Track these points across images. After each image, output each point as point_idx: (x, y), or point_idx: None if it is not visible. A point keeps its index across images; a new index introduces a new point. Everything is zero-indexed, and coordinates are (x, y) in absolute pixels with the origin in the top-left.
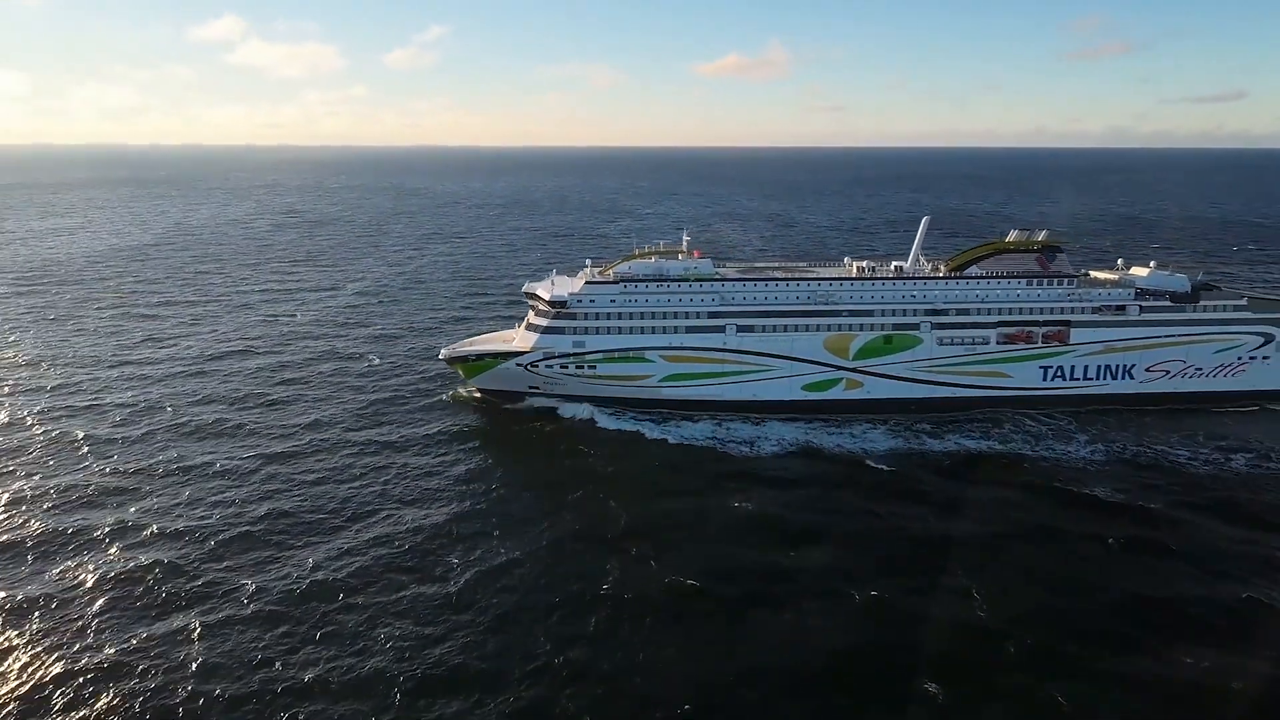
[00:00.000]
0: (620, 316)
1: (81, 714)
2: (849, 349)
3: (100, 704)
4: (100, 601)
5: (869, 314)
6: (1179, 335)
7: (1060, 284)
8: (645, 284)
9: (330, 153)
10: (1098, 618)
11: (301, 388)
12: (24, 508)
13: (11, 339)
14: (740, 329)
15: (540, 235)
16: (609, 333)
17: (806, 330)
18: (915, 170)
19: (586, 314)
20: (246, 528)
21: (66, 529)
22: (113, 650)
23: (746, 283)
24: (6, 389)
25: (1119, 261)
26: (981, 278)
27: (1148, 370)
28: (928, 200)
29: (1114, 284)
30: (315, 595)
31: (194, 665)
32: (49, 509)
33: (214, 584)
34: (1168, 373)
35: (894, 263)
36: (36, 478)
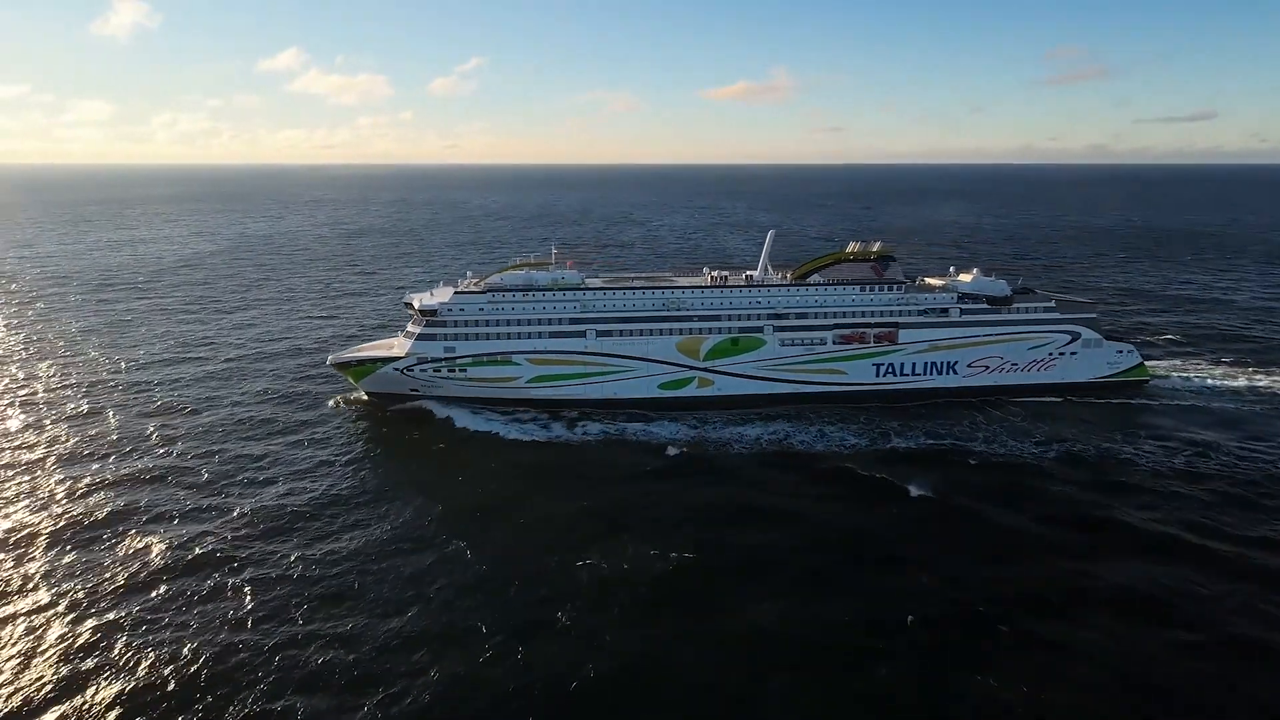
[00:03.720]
0: (487, 324)
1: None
2: (699, 350)
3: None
4: (160, 572)
5: (717, 318)
6: (995, 334)
7: (891, 290)
8: (512, 293)
9: (378, 170)
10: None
11: (339, 384)
12: (92, 489)
13: (88, 339)
14: (600, 333)
15: (562, 243)
16: (477, 339)
17: (660, 334)
18: (909, 185)
19: (455, 321)
20: (304, 506)
21: (130, 506)
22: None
23: (606, 291)
24: (84, 384)
25: (951, 269)
26: (821, 285)
27: (969, 366)
28: (923, 212)
29: (940, 289)
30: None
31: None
32: (112, 489)
33: (261, 558)
34: (987, 368)
35: (746, 272)
36: (101, 462)
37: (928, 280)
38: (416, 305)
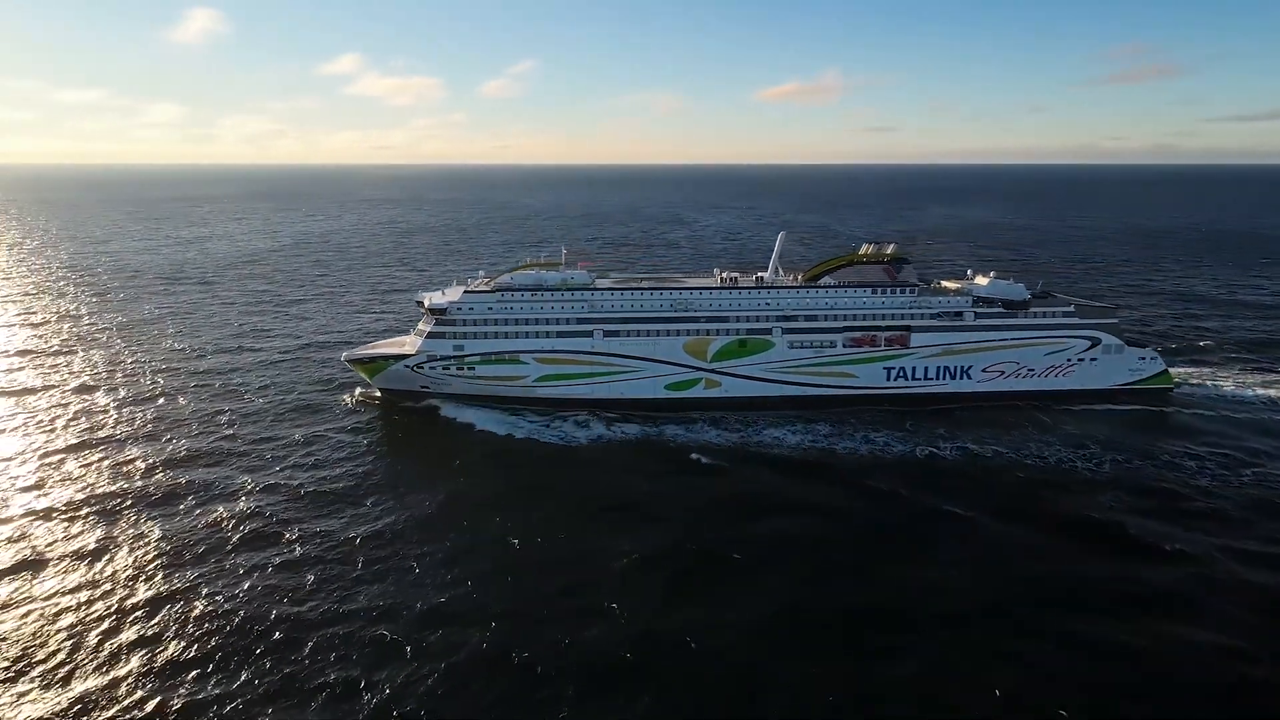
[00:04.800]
0: (496, 323)
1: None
2: (707, 352)
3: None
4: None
5: (725, 320)
6: (1011, 339)
7: (903, 292)
8: (521, 292)
9: (431, 170)
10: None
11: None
12: (153, 465)
13: (157, 328)
14: (607, 334)
15: (608, 244)
16: (485, 337)
17: (667, 335)
18: (957, 185)
19: (465, 320)
20: (342, 482)
21: (189, 482)
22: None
23: (614, 291)
24: (152, 370)
25: (968, 272)
26: (831, 287)
27: (984, 371)
28: (963, 213)
29: (955, 292)
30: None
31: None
32: (175, 466)
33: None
34: (1002, 373)
35: (757, 274)
36: (158, 442)
37: (943, 283)
38: (427, 304)
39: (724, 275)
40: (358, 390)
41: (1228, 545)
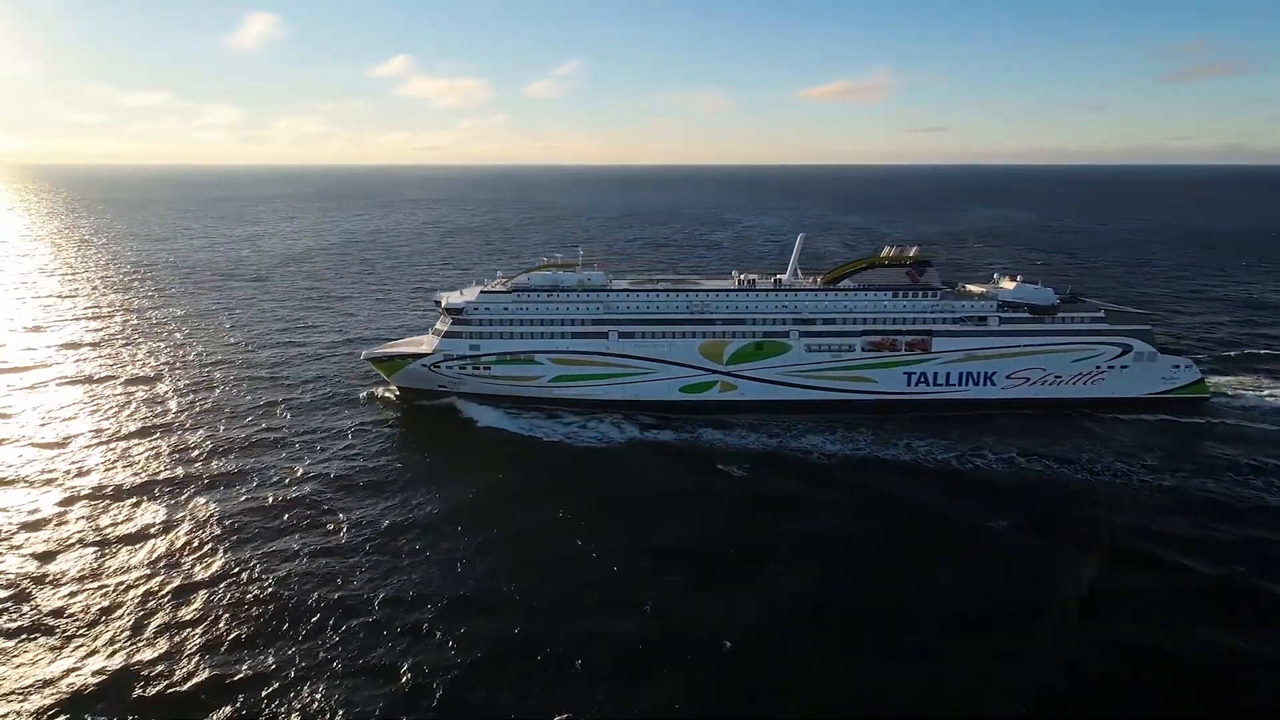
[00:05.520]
0: (511, 323)
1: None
2: (723, 354)
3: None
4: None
5: (741, 322)
6: (1037, 345)
7: (925, 296)
8: (536, 293)
9: (475, 171)
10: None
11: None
12: (204, 452)
13: (212, 322)
14: (622, 335)
15: (648, 244)
16: (501, 338)
17: (683, 337)
18: (1010, 187)
19: (480, 320)
20: (368, 468)
21: (234, 469)
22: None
23: (629, 293)
24: (208, 362)
25: (994, 275)
26: (851, 290)
27: (1008, 378)
28: (1011, 214)
29: (980, 296)
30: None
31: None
32: (213, 454)
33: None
34: (1027, 380)
35: (775, 276)
36: (206, 430)
37: (967, 287)
38: (444, 303)
39: (742, 277)
40: (380, 390)
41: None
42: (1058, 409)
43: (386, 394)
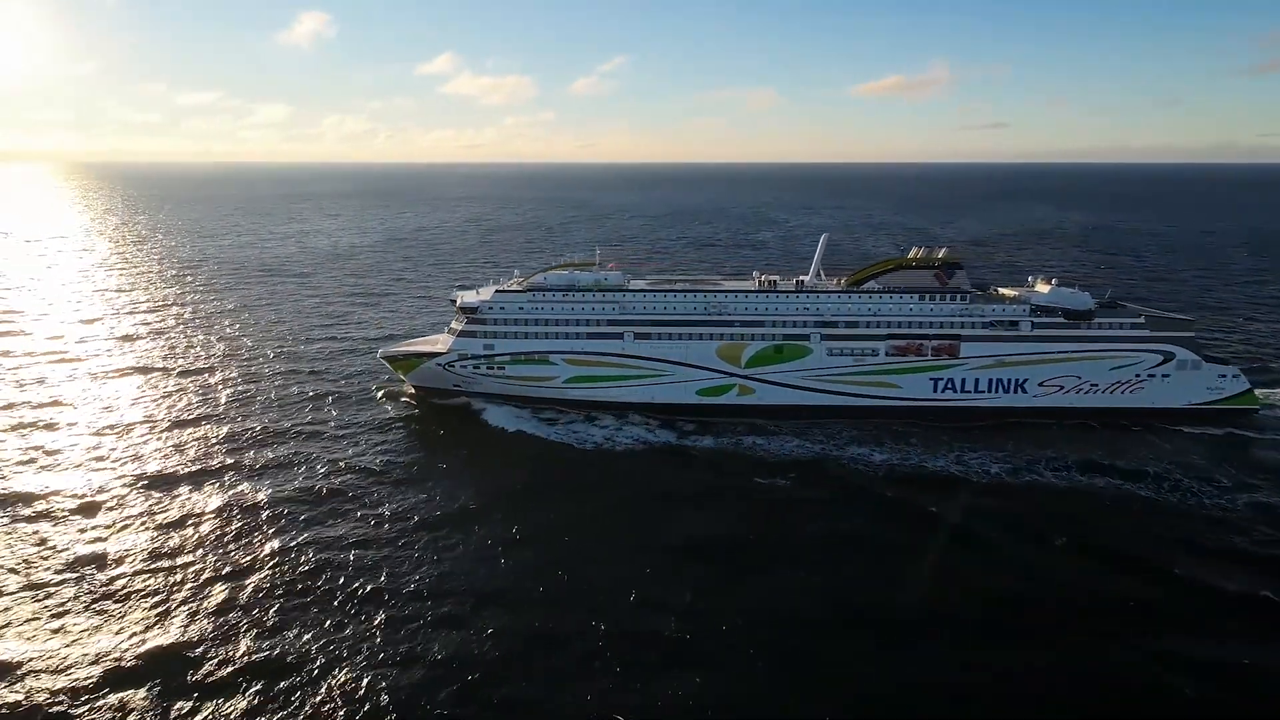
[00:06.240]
0: (526, 323)
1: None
2: (740, 357)
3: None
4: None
5: (760, 324)
6: (1072, 351)
7: (954, 299)
8: (552, 293)
9: (517, 169)
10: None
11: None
12: (240, 440)
13: (259, 316)
14: (637, 336)
15: (692, 243)
16: (515, 337)
17: (699, 338)
18: (1076, 185)
19: (495, 320)
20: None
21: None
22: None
23: (646, 293)
24: (254, 355)
25: (1029, 279)
26: (875, 292)
27: (1041, 385)
28: (1078, 215)
29: (1012, 300)
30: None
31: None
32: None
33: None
34: (1061, 388)
35: (797, 277)
36: (237, 423)
37: (1000, 290)
38: (459, 302)
39: (763, 278)
40: (381, 392)
41: None
42: (1093, 418)
43: (395, 394)
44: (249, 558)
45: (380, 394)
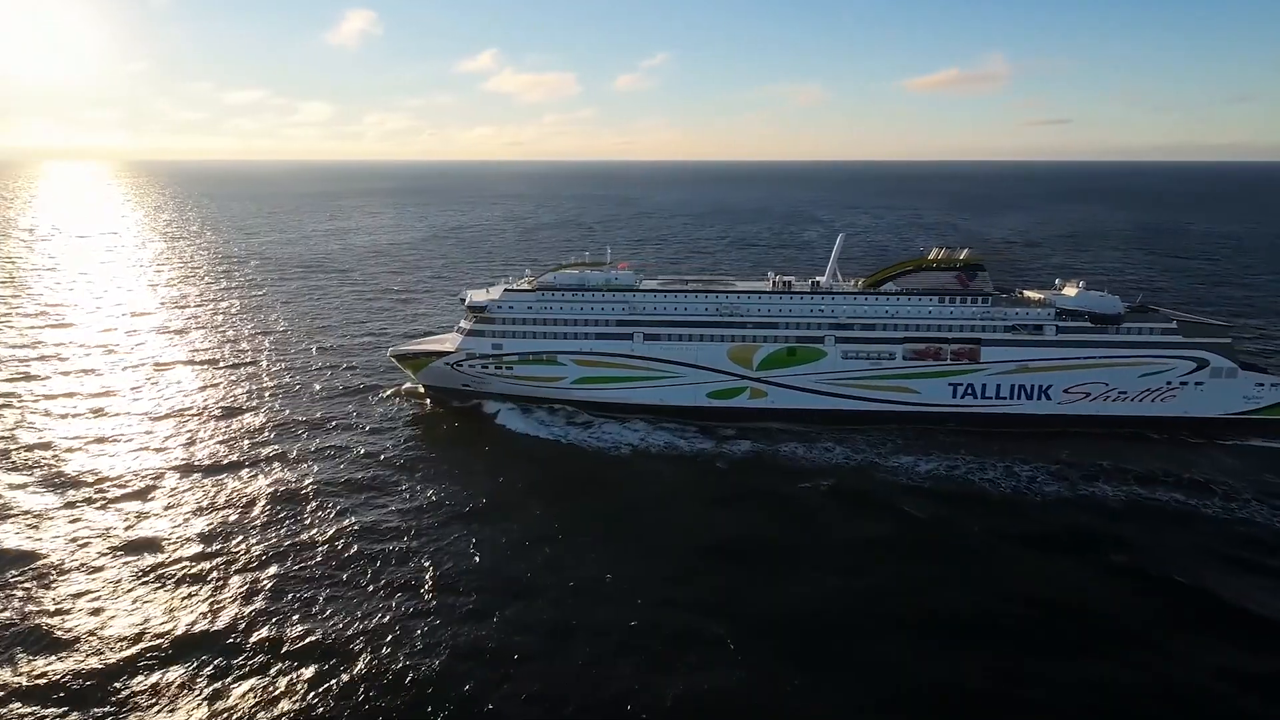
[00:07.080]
0: (534, 322)
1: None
2: (752, 360)
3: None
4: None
5: (773, 326)
6: (1099, 357)
7: (975, 302)
8: (561, 292)
9: (559, 166)
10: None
11: None
12: (273, 431)
13: (299, 312)
14: (647, 337)
15: (734, 243)
16: (524, 337)
17: (710, 340)
18: (1143, 185)
19: (504, 319)
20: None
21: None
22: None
23: (655, 294)
24: (294, 350)
25: (1056, 281)
26: (893, 294)
27: (1066, 392)
28: (1143, 216)
29: (1036, 303)
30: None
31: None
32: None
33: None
34: (1088, 395)
35: (813, 279)
36: (274, 412)
37: (1025, 293)
38: (468, 301)
39: (777, 279)
40: (405, 385)
41: None
42: (1121, 427)
43: (406, 393)
44: (287, 544)
45: (405, 389)
